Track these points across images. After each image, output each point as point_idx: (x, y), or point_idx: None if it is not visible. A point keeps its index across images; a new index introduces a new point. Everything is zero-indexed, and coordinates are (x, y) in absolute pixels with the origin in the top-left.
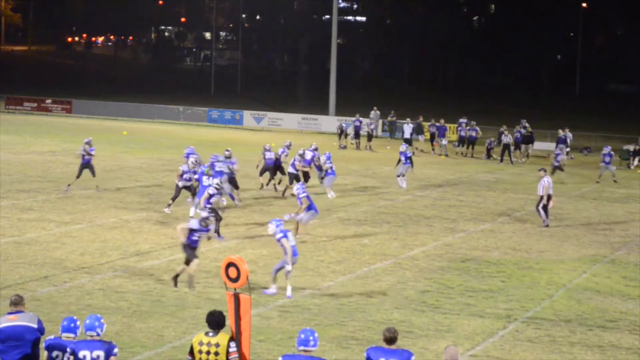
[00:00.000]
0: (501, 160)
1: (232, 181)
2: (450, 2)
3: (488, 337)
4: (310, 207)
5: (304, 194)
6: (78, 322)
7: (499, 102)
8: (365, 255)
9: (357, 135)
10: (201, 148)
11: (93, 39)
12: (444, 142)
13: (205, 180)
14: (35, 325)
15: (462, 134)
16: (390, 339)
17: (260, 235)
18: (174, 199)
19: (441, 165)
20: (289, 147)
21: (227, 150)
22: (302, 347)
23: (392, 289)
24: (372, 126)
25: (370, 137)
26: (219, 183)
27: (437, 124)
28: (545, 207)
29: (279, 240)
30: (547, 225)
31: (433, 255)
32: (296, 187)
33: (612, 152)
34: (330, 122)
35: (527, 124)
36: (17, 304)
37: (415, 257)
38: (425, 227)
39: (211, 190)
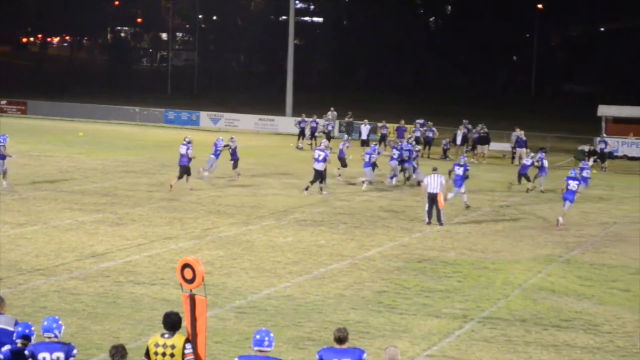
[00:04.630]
0: None
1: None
2: (407, 3)
3: (444, 337)
4: None
5: None
6: (33, 328)
7: (456, 102)
8: (321, 256)
9: (313, 136)
10: (158, 149)
11: (48, 39)
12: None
13: None
14: (12, 329)
15: (418, 134)
16: (340, 339)
17: (217, 236)
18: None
19: None
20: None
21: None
22: (257, 348)
23: (349, 289)
24: (330, 127)
25: (329, 137)
26: None
27: (387, 126)
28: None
29: None
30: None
31: (389, 256)
32: None
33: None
34: (287, 123)
35: (469, 125)
36: None
37: (372, 257)
38: (382, 227)
39: None
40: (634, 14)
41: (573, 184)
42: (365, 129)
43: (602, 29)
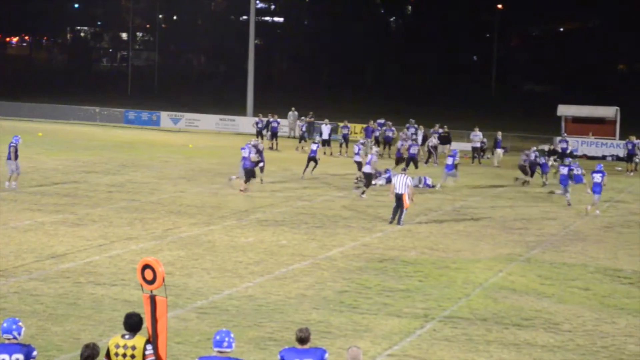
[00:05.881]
0: (426, 162)
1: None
2: (368, 3)
3: (405, 336)
4: None
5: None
6: None
7: (416, 102)
8: (283, 256)
9: (274, 135)
10: (118, 149)
11: (7, 39)
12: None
13: None
14: None
15: (377, 134)
16: (302, 339)
17: (178, 237)
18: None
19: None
20: None
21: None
22: (217, 349)
23: (310, 289)
24: (304, 127)
25: (301, 138)
26: None
27: (349, 125)
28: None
29: None
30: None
31: (351, 256)
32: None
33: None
34: (248, 123)
35: (416, 124)
36: None
37: (333, 257)
38: (343, 227)
39: None
40: (592, 13)
41: (597, 177)
42: (326, 128)
43: (561, 29)
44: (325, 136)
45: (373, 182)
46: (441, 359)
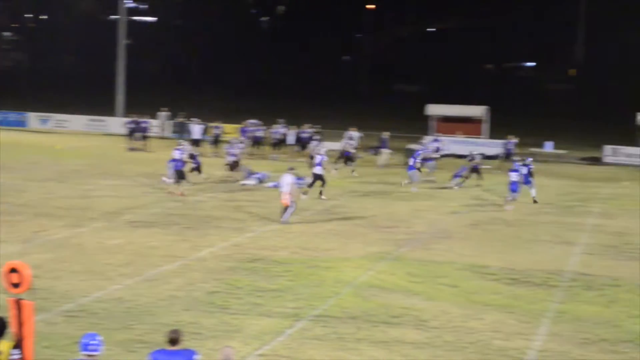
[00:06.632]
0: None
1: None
2: (239, 3)
3: (276, 336)
4: None
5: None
6: None
7: (287, 102)
8: (153, 257)
9: (145, 136)
10: None
11: None
12: (249, 143)
13: None
14: None
15: (245, 135)
16: (173, 340)
17: (46, 239)
18: None
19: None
20: None
21: None
22: (85, 352)
23: (181, 290)
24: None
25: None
26: None
27: (220, 126)
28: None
29: None
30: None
31: (222, 256)
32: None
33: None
34: (118, 123)
35: (286, 124)
36: None
37: (204, 258)
38: (214, 228)
39: None
40: (461, 14)
41: (514, 176)
42: (196, 128)
43: (432, 29)
44: (196, 136)
45: (241, 182)
46: (311, 358)
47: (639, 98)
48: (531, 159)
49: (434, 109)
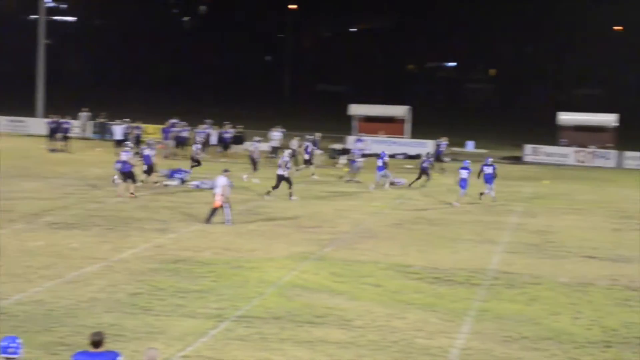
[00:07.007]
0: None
1: None
2: (161, 3)
3: (200, 337)
4: None
5: None
6: None
7: (211, 103)
8: (75, 259)
9: (66, 137)
10: None
11: None
12: (172, 144)
13: None
14: None
15: (167, 136)
16: (96, 342)
17: None
18: None
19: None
20: None
21: None
22: (4, 356)
23: (103, 292)
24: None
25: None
26: None
27: (141, 126)
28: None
29: None
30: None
31: (144, 257)
32: None
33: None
34: (38, 124)
35: (212, 125)
36: None
37: (127, 259)
38: (137, 229)
39: None
40: (382, 15)
41: (464, 173)
42: (119, 129)
43: (353, 30)
44: (118, 137)
45: (164, 183)
46: (235, 359)
47: (559, 97)
48: (492, 159)
49: (357, 109)
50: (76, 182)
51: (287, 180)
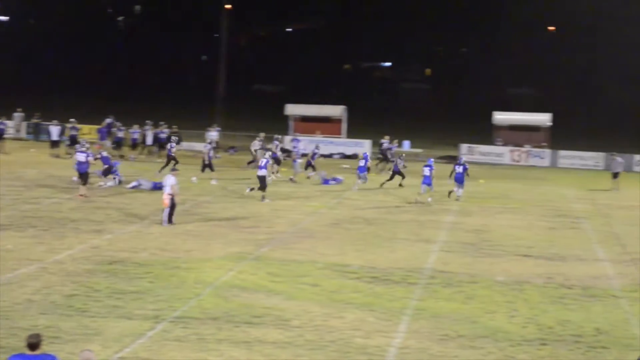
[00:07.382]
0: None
1: None
2: (95, 3)
3: (136, 338)
4: None
5: None
6: None
7: (147, 103)
8: (9, 261)
9: (1, 137)
10: None
11: None
12: (109, 144)
13: None
14: None
15: (103, 135)
16: (33, 345)
17: None
18: None
19: (95, 167)
20: None
21: None
22: None
23: (38, 294)
24: (75, 131)
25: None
26: None
27: (77, 127)
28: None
29: None
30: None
31: (80, 259)
32: None
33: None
34: None
35: (151, 125)
36: None
37: (62, 260)
38: (72, 230)
39: None
40: (318, 15)
41: (426, 170)
42: (55, 129)
43: (289, 30)
44: (54, 137)
45: (100, 183)
46: (172, 359)
47: (495, 97)
48: (464, 159)
49: (293, 109)
50: (10, 182)
51: (263, 181)
